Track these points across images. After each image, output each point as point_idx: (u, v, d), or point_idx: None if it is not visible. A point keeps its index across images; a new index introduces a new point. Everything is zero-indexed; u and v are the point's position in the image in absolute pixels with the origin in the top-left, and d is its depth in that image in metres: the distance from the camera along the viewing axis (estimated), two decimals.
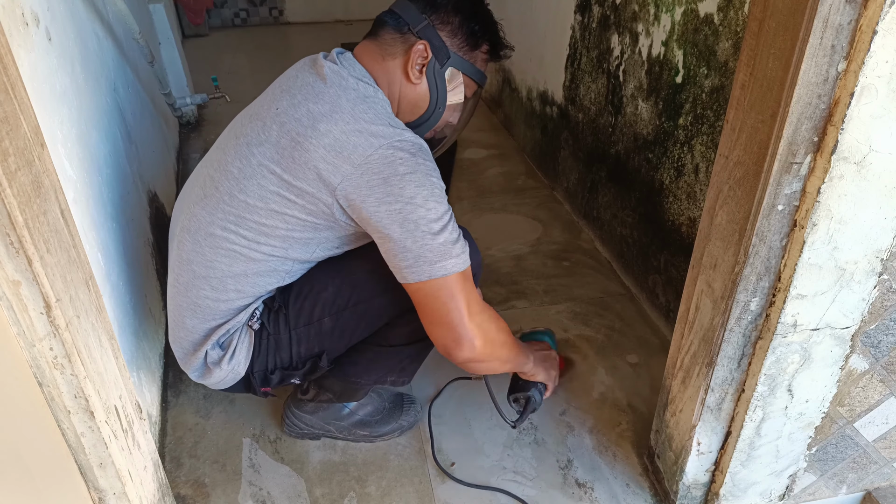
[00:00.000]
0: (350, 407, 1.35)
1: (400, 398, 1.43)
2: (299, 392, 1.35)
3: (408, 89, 1.09)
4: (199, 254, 1.07)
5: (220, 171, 1.05)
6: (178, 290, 1.11)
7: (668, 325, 1.68)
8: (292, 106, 1.00)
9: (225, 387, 1.18)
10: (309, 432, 1.36)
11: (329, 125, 0.96)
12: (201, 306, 1.09)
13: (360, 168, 0.95)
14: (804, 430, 1.10)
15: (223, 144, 1.08)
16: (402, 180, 0.95)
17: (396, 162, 0.96)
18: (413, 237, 0.97)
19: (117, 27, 1.94)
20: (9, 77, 0.70)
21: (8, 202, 0.68)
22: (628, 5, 1.75)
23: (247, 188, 1.01)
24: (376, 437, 1.37)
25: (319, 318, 1.13)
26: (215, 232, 1.04)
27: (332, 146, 0.96)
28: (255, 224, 1.02)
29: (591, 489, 1.29)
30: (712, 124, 1.40)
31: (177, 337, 1.15)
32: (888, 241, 0.89)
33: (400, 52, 1.07)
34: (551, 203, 2.39)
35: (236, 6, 4.74)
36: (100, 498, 0.94)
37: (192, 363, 1.14)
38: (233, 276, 1.07)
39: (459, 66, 1.10)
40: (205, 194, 1.06)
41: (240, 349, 1.12)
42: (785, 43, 0.76)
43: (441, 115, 1.14)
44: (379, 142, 0.96)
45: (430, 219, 0.97)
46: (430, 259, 0.98)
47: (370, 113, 0.99)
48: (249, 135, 1.03)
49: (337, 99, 0.99)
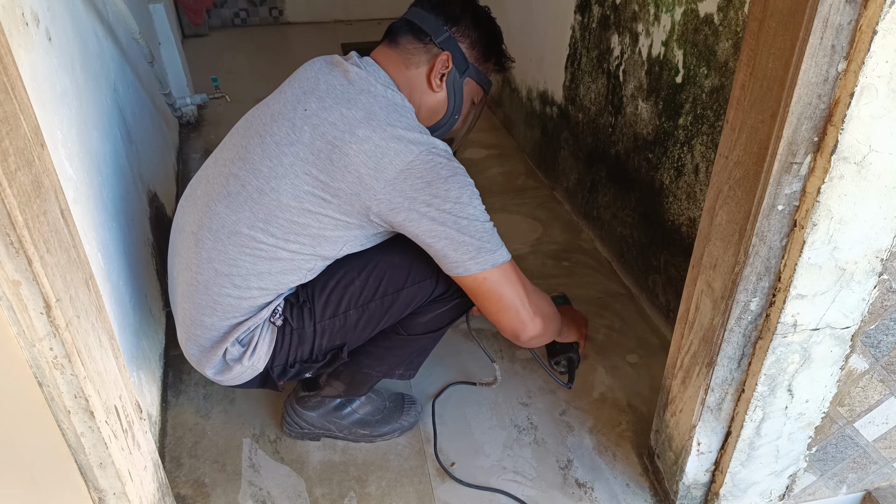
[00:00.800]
0: (352, 406, 1.35)
1: (400, 398, 1.43)
2: (302, 389, 1.35)
3: (429, 97, 1.16)
4: (221, 252, 1.07)
5: (247, 169, 1.05)
6: (195, 289, 1.10)
7: (668, 325, 1.68)
8: (323, 109, 1.03)
9: (240, 383, 1.18)
10: (309, 432, 1.36)
11: (367, 131, 1.00)
12: (222, 304, 1.10)
13: (404, 173, 0.99)
14: (804, 430, 1.10)
15: (244, 143, 1.08)
16: (446, 182, 1.01)
17: (438, 167, 1.01)
18: (470, 232, 1.03)
19: (117, 27, 1.94)
20: (9, 77, 0.70)
21: (8, 202, 0.68)
22: (628, 5, 1.75)
23: (279, 187, 1.02)
24: (377, 437, 1.37)
25: (346, 311, 1.14)
26: (241, 230, 1.05)
27: (372, 152, 0.99)
28: (286, 223, 1.04)
29: (591, 489, 1.29)
30: (712, 124, 1.40)
31: (192, 335, 1.14)
32: (888, 241, 0.89)
33: (423, 61, 1.13)
34: (551, 203, 2.39)
35: (236, 6, 4.74)
36: (100, 498, 0.94)
37: (210, 361, 1.14)
38: (256, 275, 1.08)
39: (475, 76, 1.19)
40: (228, 192, 1.06)
41: (261, 345, 1.13)
42: (785, 43, 0.76)
43: (456, 121, 1.22)
44: (419, 148, 1.00)
45: (478, 214, 1.04)
46: (490, 248, 1.05)
47: (403, 121, 1.04)
48: (278, 134, 1.04)
49: (370, 105, 1.03)
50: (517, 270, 1.11)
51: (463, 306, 1.22)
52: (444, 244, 1.04)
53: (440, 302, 1.19)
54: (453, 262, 1.06)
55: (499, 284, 1.07)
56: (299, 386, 1.37)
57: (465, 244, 1.03)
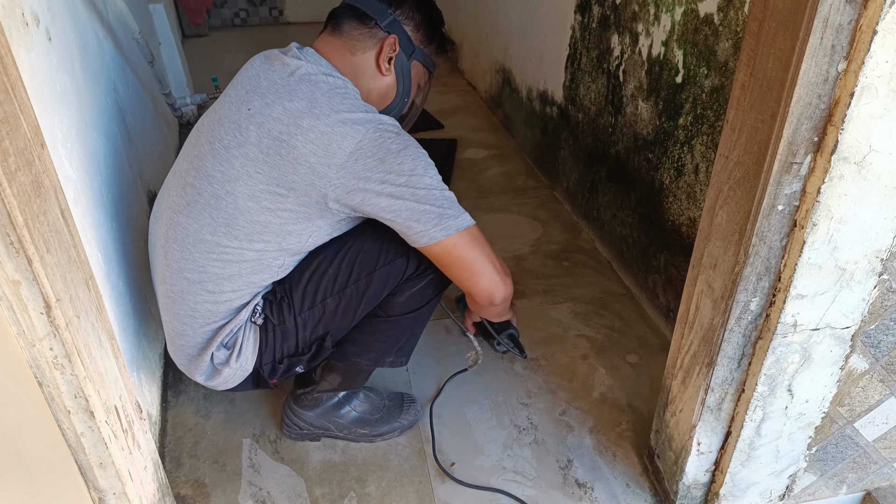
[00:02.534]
0: (350, 404, 1.35)
1: (400, 398, 1.43)
2: (298, 388, 1.35)
3: (378, 81, 1.16)
4: (189, 261, 1.09)
5: (201, 177, 1.06)
6: (172, 300, 1.13)
7: (668, 325, 1.68)
8: (266, 105, 1.03)
9: (232, 385, 1.20)
10: (309, 432, 1.36)
11: (312, 120, 1.00)
12: (200, 311, 1.11)
13: (354, 155, 1.00)
14: (804, 430, 1.10)
15: (195, 151, 1.09)
16: (398, 157, 1.02)
17: (387, 142, 1.02)
18: (429, 200, 1.04)
19: (117, 27, 1.94)
20: (9, 77, 0.70)
21: (8, 202, 0.68)
22: (628, 5, 1.75)
23: (234, 191, 1.03)
24: (376, 437, 1.37)
25: (323, 300, 1.16)
26: (204, 237, 1.07)
27: (319, 140, 1.00)
28: (247, 223, 1.05)
29: (591, 489, 1.29)
30: (712, 124, 1.40)
31: (178, 345, 1.16)
32: (888, 241, 0.89)
33: (370, 45, 1.14)
34: (551, 203, 2.39)
35: (236, 6, 4.74)
36: (100, 498, 0.94)
37: (199, 367, 1.16)
38: (227, 278, 1.09)
39: (421, 58, 1.21)
40: (187, 202, 1.07)
41: (246, 346, 1.15)
42: (785, 43, 0.76)
43: (406, 103, 1.24)
44: (365, 128, 1.01)
45: (435, 183, 1.05)
46: (452, 214, 1.07)
47: (346, 103, 1.04)
48: (226, 138, 1.04)
49: (312, 94, 1.03)
50: (482, 235, 1.12)
51: (438, 282, 1.23)
52: (406, 216, 1.05)
53: (414, 280, 1.20)
54: (418, 233, 1.06)
55: (467, 248, 1.09)
56: (295, 386, 1.37)
57: (426, 213, 1.04)
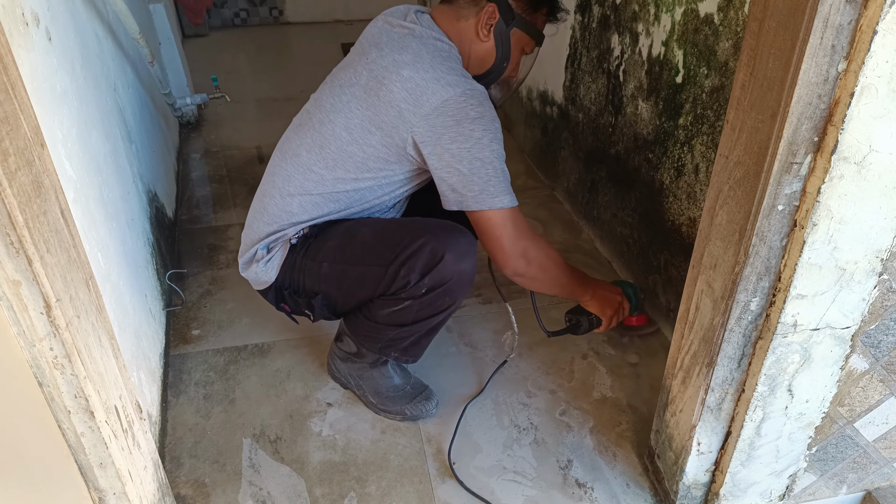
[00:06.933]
0: (373, 372, 1.43)
1: (420, 390, 1.46)
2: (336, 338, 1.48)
3: (477, 46, 1.28)
4: (282, 168, 1.29)
5: (317, 106, 1.27)
6: (256, 198, 1.34)
7: (668, 325, 1.68)
8: (380, 56, 1.19)
9: (258, 287, 1.35)
10: (338, 378, 1.51)
11: (412, 72, 1.14)
12: (269, 211, 1.29)
13: (437, 110, 1.12)
14: (804, 430, 1.10)
15: (322, 90, 1.30)
16: (472, 123, 1.12)
17: (468, 107, 1.12)
18: (479, 173, 1.15)
19: (117, 27, 1.94)
20: (9, 77, 0.70)
21: (8, 202, 0.68)
22: (628, 5, 1.75)
23: (335, 120, 1.22)
24: (381, 411, 1.44)
25: (321, 261, 1.27)
26: (301, 153, 1.26)
27: (413, 90, 1.13)
28: (335, 150, 1.22)
29: (591, 489, 1.29)
30: (712, 124, 1.40)
31: (244, 236, 1.36)
32: (888, 241, 0.89)
33: (472, 13, 1.25)
34: (551, 203, 2.39)
35: (236, 6, 4.74)
36: (100, 498, 0.94)
37: (243, 256, 1.34)
38: (301, 193, 1.26)
39: (522, 26, 1.28)
40: (300, 123, 1.30)
41: (276, 257, 1.30)
42: (785, 43, 0.76)
43: (504, 69, 1.32)
44: (454, 90, 1.12)
45: (492, 158, 1.15)
46: (493, 192, 1.16)
47: (446, 65, 1.17)
48: (342, 78, 1.25)
49: (419, 51, 1.17)
50: (517, 219, 1.20)
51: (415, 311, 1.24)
52: (456, 180, 1.16)
53: (390, 299, 1.24)
54: (459, 196, 1.17)
55: (492, 224, 1.19)
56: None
57: (472, 183, 1.15)
